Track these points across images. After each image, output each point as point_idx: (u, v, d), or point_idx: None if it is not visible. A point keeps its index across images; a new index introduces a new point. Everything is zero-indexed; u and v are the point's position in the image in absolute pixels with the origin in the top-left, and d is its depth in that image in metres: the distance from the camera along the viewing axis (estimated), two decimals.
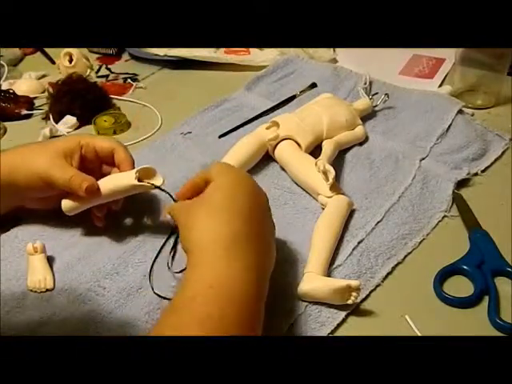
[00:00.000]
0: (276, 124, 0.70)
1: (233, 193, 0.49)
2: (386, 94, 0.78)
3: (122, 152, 0.59)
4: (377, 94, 0.79)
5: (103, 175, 0.59)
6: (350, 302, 0.51)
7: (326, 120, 0.70)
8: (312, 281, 0.53)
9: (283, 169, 0.69)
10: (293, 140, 0.69)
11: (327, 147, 0.67)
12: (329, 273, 0.55)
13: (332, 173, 0.60)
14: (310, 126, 0.70)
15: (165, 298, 0.53)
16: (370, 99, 0.77)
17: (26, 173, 0.56)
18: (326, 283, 0.52)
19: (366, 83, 0.83)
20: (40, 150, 0.58)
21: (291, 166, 0.67)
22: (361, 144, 0.73)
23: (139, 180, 0.55)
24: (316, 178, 0.63)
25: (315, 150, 0.69)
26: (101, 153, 0.59)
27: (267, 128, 0.71)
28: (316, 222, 0.59)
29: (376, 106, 0.78)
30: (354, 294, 0.51)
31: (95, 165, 0.60)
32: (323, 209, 0.61)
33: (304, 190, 0.66)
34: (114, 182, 0.57)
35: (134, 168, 0.58)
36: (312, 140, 0.69)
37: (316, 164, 0.62)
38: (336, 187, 0.62)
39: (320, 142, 0.69)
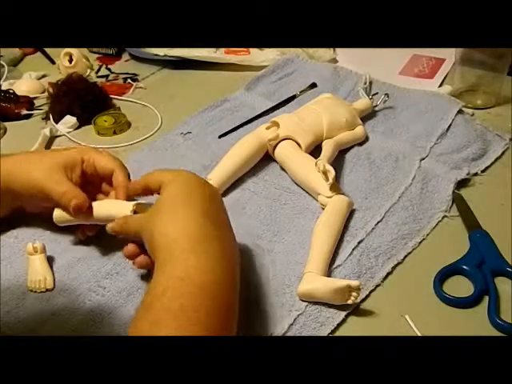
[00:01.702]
0: (276, 124, 0.70)
1: (191, 190, 0.50)
2: (386, 93, 0.78)
3: (121, 177, 0.58)
4: (377, 94, 0.79)
5: (102, 193, 0.59)
6: (350, 302, 0.51)
7: (326, 120, 0.70)
8: (312, 281, 0.53)
9: (283, 169, 0.69)
10: (293, 140, 0.69)
11: (327, 147, 0.67)
12: (329, 273, 0.55)
13: (332, 173, 0.60)
14: (310, 126, 0.70)
15: None
16: (370, 99, 0.77)
17: (24, 181, 0.56)
18: (326, 283, 0.52)
19: (366, 83, 0.83)
20: (40, 159, 0.57)
21: (291, 166, 0.67)
22: (361, 144, 0.73)
23: (135, 214, 0.54)
24: (316, 177, 0.63)
25: (315, 150, 0.69)
26: (101, 173, 0.59)
27: (267, 128, 0.71)
28: (316, 222, 0.59)
29: (376, 106, 0.78)
30: (354, 293, 0.51)
31: (95, 181, 0.60)
32: (323, 209, 0.61)
33: (304, 190, 0.66)
34: (110, 209, 0.56)
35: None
36: (312, 140, 0.69)
37: (316, 164, 0.62)
38: (336, 187, 0.62)
39: (320, 142, 0.69)
